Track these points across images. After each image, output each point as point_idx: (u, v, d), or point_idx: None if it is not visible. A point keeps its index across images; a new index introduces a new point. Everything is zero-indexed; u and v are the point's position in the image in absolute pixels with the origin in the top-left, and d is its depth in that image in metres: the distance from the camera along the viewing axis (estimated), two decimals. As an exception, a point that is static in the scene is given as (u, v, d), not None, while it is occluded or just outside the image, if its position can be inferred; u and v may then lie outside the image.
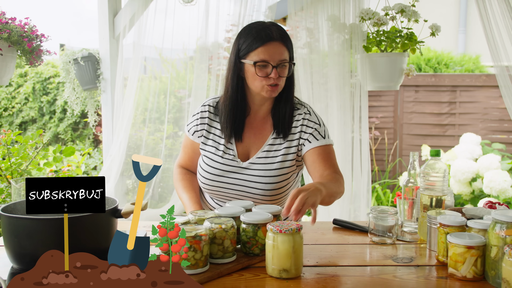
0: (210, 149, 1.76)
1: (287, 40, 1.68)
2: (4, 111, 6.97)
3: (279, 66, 1.63)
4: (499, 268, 1.16)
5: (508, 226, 1.17)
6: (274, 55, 1.62)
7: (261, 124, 1.77)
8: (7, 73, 2.15)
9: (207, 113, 1.79)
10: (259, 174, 1.69)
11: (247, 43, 1.65)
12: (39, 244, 1.09)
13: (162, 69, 4.40)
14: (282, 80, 1.67)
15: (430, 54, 6.10)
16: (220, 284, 1.21)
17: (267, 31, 1.64)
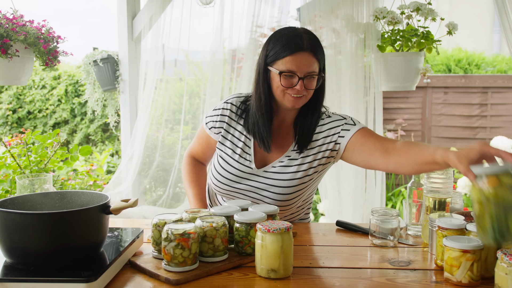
0: (227, 151, 1.70)
1: (318, 51, 1.57)
2: (38, 113, 7.21)
3: (306, 78, 1.55)
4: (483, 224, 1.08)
5: (488, 176, 1.08)
6: (302, 67, 1.53)
7: (284, 133, 1.69)
8: (25, 73, 2.22)
9: (228, 111, 1.72)
10: (272, 183, 1.63)
11: (275, 50, 1.57)
12: (27, 238, 1.12)
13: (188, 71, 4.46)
14: (309, 92, 1.58)
15: (461, 55, 5.92)
16: (207, 283, 1.21)
17: (297, 39, 1.54)
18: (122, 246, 1.30)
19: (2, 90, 7.24)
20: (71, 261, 1.15)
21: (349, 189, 2.62)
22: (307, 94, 1.58)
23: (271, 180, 1.64)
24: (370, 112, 2.57)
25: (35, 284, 1.06)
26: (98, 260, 1.20)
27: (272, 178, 1.64)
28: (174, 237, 1.21)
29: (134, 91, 3.10)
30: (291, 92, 1.56)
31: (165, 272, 1.22)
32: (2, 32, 2.03)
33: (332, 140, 1.63)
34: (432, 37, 2.38)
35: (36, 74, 7.26)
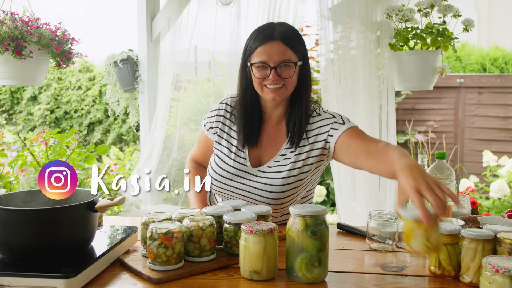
0: (223, 150, 1.71)
1: (292, 40, 1.55)
2: (74, 113, 7.45)
3: (279, 67, 1.52)
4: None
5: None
6: (272, 56, 1.52)
7: (276, 131, 1.68)
8: (40, 74, 2.30)
9: (223, 111, 1.73)
10: (266, 182, 1.61)
11: (249, 44, 1.58)
12: (13, 234, 1.15)
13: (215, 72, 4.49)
14: (288, 82, 1.55)
15: (497, 53, 5.69)
16: (189, 282, 1.20)
17: (269, 30, 1.55)
18: (111, 244, 1.31)
19: (41, 91, 7.52)
20: (57, 257, 1.18)
21: (364, 193, 2.56)
22: (286, 84, 1.54)
23: (266, 179, 1.62)
24: (384, 111, 2.50)
25: (17, 278, 1.09)
26: (84, 257, 1.22)
27: (267, 177, 1.62)
28: (158, 236, 1.21)
29: (153, 91, 3.15)
30: (267, 83, 1.54)
31: (149, 270, 1.23)
32: (17, 34, 2.10)
33: (323, 138, 1.59)
34: (449, 35, 2.29)
35: (73, 75, 7.51)
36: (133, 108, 3.27)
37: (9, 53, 2.10)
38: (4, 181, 2.50)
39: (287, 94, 1.59)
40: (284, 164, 1.62)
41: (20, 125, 7.77)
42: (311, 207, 1.21)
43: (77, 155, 2.66)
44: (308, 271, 1.18)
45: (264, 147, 1.67)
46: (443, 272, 1.22)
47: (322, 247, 1.19)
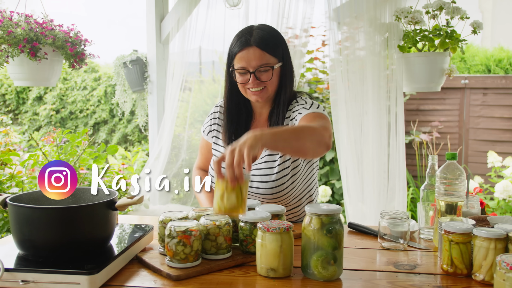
0: (220, 149, 1.78)
1: (268, 45, 1.60)
2: (79, 113, 7.49)
3: (257, 72, 1.60)
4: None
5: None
6: (250, 61, 1.59)
7: (264, 127, 1.75)
8: (54, 75, 2.34)
9: (218, 113, 1.82)
10: (261, 173, 1.68)
11: (230, 49, 1.66)
12: (36, 232, 1.18)
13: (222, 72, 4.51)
14: (268, 84, 1.62)
15: (502, 55, 5.70)
16: (208, 279, 1.23)
17: (246, 36, 1.61)
18: (130, 241, 1.34)
19: (46, 91, 7.56)
20: (78, 254, 1.21)
21: (372, 194, 2.59)
22: (267, 86, 1.62)
23: (259, 170, 1.67)
24: (392, 112, 2.53)
25: (41, 274, 1.12)
26: (104, 254, 1.25)
27: (259, 168, 1.67)
28: (176, 234, 1.24)
29: (162, 92, 3.18)
30: (249, 86, 1.61)
31: (168, 267, 1.25)
32: (32, 36, 2.14)
33: (293, 123, 1.66)
34: (457, 36, 2.31)
35: (78, 75, 7.55)
36: (141, 108, 3.30)
37: (24, 55, 2.14)
38: (16, 180, 2.53)
39: (270, 95, 1.67)
40: (274, 153, 1.67)
41: (25, 125, 7.81)
42: (326, 206, 1.24)
43: (87, 155, 2.69)
44: (323, 268, 1.21)
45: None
46: (455, 270, 1.25)
47: (337, 245, 1.21)
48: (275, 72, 1.63)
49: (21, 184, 2.55)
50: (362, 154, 2.60)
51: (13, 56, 2.14)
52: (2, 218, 2.49)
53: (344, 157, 2.65)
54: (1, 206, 1.26)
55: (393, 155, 2.54)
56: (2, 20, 2.13)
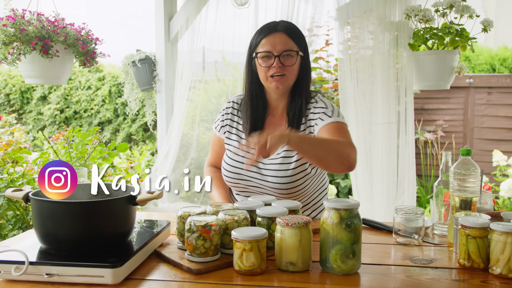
0: (234, 143, 1.80)
1: (294, 33, 1.68)
2: (84, 112, 7.51)
3: (282, 56, 1.64)
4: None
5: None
6: (276, 46, 1.64)
7: (280, 120, 1.77)
8: (65, 73, 2.35)
9: (230, 109, 1.85)
10: (277, 168, 1.70)
11: (254, 38, 1.72)
12: (59, 225, 1.19)
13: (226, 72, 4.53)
14: (289, 70, 1.66)
15: (506, 54, 5.71)
16: (227, 273, 1.24)
17: (272, 24, 1.69)
18: (149, 236, 1.36)
19: (51, 91, 7.59)
20: (99, 248, 1.22)
21: (381, 191, 2.60)
22: (287, 73, 1.66)
23: (275, 165, 1.69)
24: (402, 111, 2.54)
25: (66, 268, 1.14)
26: (125, 248, 1.26)
27: (276, 163, 1.70)
28: (197, 228, 1.26)
29: (170, 90, 3.19)
30: (271, 72, 1.65)
31: (188, 262, 1.27)
32: (44, 34, 2.15)
33: (311, 124, 1.69)
34: (467, 35, 2.33)
35: (83, 75, 7.57)
36: (149, 107, 3.32)
37: (36, 52, 2.15)
38: (27, 177, 2.55)
39: (289, 83, 1.69)
40: (291, 150, 1.68)
41: (30, 124, 7.83)
42: (345, 201, 1.25)
43: (97, 153, 2.71)
44: (342, 262, 1.22)
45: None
46: (472, 264, 1.26)
47: (356, 239, 1.23)
48: (297, 60, 1.68)
49: (33, 182, 2.56)
50: (371, 152, 2.62)
51: (25, 54, 2.15)
52: (14, 216, 2.51)
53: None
54: (23, 201, 1.28)
55: (402, 154, 2.55)
56: (15, 18, 2.15)
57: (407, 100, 2.52)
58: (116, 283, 1.14)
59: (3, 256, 1.17)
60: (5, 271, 1.15)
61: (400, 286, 1.17)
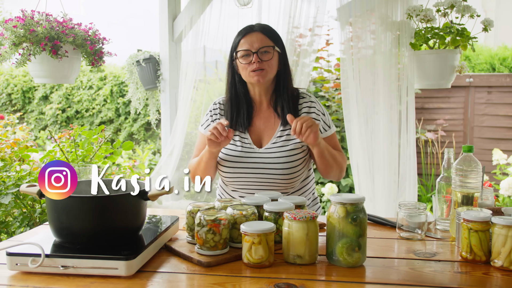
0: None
1: (269, 31, 1.83)
2: (85, 112, 7.54)
3: (259, 52, 1.78)
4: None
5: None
6: (253, 43, 1.79)
7: (268, 114, 1.90)
8: (73, 73, 2.39)
9: (218, 110, 1.94)
10: (276, 155, 1.81)
11: (233, 41, 1.86)
12: (74, 219, 1.23)
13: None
14: (268, 65, 1.79)
15: (506, 53, 5.75)
16: (236, 266, 1.28)
17: (249, 26, 1.85)
18: (159, 231, 1.39)
19: (52, 91, 7.62)
20: (112, 242, 1.26)
21: (383, 188, 2.64)
22: (266, 68, 1.79)
23: (274, 153, 1.82)
24: (403, 110, 2.57)
25: (80, 260, 1.17)
26: (137, 241, 1.30)
27: (274, 151, 1.82)
28: (206, 222, 1.29)
29: (174, 89, 3.23)
30: (251, 68, 1.79)
31: (198, 255, 1.31)
32: (53, 34, 2.19)
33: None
34: (468, 34, 2.36)
35: (84, 75, 7.60)
36: (153, 106, 3.36)
37: (46, 53, 2.19)
38: (34, 175, 2.58)
39: (269, 77, 1.83)
40: (287, 139, 1.84)
41: (31, 124, 7.86)
42: (350, 195, 1.29)
43: (102, 151, 2.74)
44: (348, 255, 1.26)
45: (261, 130, 1.89)
46: (474, 257, 1.30)
47: (361, 233, 1.27)
48: (275, 55, 1.81)
49: (39, 180, 2.60)
50: (373, 151, 2.65)
51: (35, 54, 2.19)
52: (21, 213, 2.54)
53: (355, 154, 2.70)
54: (37, 196, 1.31)
55: (403, 153, 2.59)
56: (24, 19, 2.18)
57: (408, 99, 2.56)
58: (129, 274, 1.18)
59: (19, 249, 1.21)
60: (21, 264, 1.19)
61: (404, 278, 1.21)
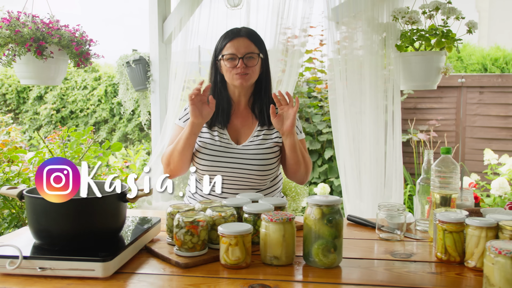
0: (206, 136, 1.93)
1: (255, 38, 1.89)
2: (80, 112, 7.54)
3: (245, 58, 1.84)
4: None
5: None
6: (240, 49, 1.84)
7: (245, 114, 1.97)
8: (60, 74, 2.40)
9: None
10: (253, 152, 1.87)
11: (220, 42, 1.91)
12: (52, 222, 1.24)
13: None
14: (251, 70, 1.86)
15: (498, 54, 5.78)
16: (214, 267, 1.30)
17: (235, 30, 1.90)
18: (139, 232, 1.41)
19: (47, 91, 7.62)
20: (91, 244, 1.27)
21: (370, 191, 2.66)
22: (251, 73, 1.86)
23: (251, 150, 1.88)
24: (389, 110, 2.59)
25: (58, 262, 1.19)
26: (116, 243, 1.31)
27: (252, 149, 1.89)
28: (184, 224, 1.31)
29: (164, 90, 3.24)
30: (236, 71, 1.85)
31: (176, 256, 1.32)
32: (39, 35, 2.20)
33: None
34: (453, 36, 2.38)
35: (79, 75, 7.60)
36: (144, 107, 3.37)
37: (31, 54, 2.20)
38: (23, 176, 2.59)
39: (252, 81, 1.90)
40: (264, 139, 1.91)
41: (26, 124, 7.86)
42: (327, 197, 1.31)
43: (92, 152, 2.75)
44: (324, 256, 1.28)
45: (239, 128, 1.96)
46: (449, 258, 1.32)
47: (337, 234, 1.28)
48: (259, 61, 1.87)
49: (28, 181, 2.61)
50: (359, 152, 2.67)
51: (20, 55, 2.20)
52: (10, 214, 2.55)
53: (342, 155, 2.72)
54: (18, 198, 1.32)
55: (390, 153, 2.61)
56: (10, 20, 2.19)
57: (395, 100, 2.58)
58: (106, 276, 1.19)
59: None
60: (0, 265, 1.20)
61: (378, 279, 1.23)
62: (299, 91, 5.35)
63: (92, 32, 2.54)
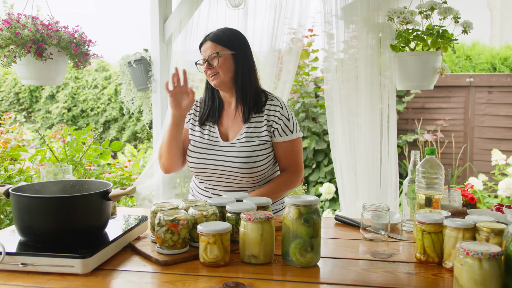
0: (197, 133, 2.03)
1: (221, 38, 1.93)
2: (90, 111, 7.65)
3: (209, 59, 1.93)
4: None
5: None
6: (206, 52, 1.95)
7: (234, 113, 2.01)
8: (60, 74, 2.45)
9: (194, 106, 2.09)
10: (238, 150, 1.91)
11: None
12: (35, 219, 1.27)
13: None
14: (220, 69, 1.91)
15: (508, 53, 5.70)
16: (193, 265, 1.32)
17: (206, 35, 1.98)
18: (123, 230, 1.44)
19: (58, 90, 7.74)
20: (74, 241, 1.30)
21: (366, 191, 2.66)
22: (220, 72, 1.92)
23: (236, 148, 1.92)
24: (384, 111, 2.59)
25: (39, 258, 1.22)
26: (98, 240, 1.34)
27: (236, 146, 1.93)
28: (165, 222, 1.33)
29: (165, 90, 3.27)
30: (208, 73, 1.94)
31: (157, 254, 1.35)
32: (38, 37, 2.25)
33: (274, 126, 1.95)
34: (449, 36, 2.37)
35: (89, 74, 7.71)
36: (146, 106, 3.41)
37: (31, 55, 2.25)
38: (25, 175, 2.65)
39: (223, 79, 1.94)
40: (250, 136, 1.94)
41: (38, 123, 7.99)
42: (305, 197, 1.32)
43: (93, 151, 2.80)
44: (301, 255, 1.29)
45: (229, 126, 2.01)
46: (427, 258, 1.32)
47: (314, 234, 1.30)
48: (225, 59, 1.91)
49: (29, 179, 2.66)
50: (355, 152, 2.67)
51: (20, 56, 2.25)
52: (2, 212, 2.61)
53: (338, 155, 2.72)
54: (4, 196, 1.36)
55: (385, 153, 2.60)
56: (10, 22, 2.24)
57: (390, 100, 2.57)
58: (85, 272, 1.22)
59: (-18, 247, 1.26)
60: (-17, 261, 1.24)
61: (354, 278, 1.23)
62: (305, 91, 5.35)
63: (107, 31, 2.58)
